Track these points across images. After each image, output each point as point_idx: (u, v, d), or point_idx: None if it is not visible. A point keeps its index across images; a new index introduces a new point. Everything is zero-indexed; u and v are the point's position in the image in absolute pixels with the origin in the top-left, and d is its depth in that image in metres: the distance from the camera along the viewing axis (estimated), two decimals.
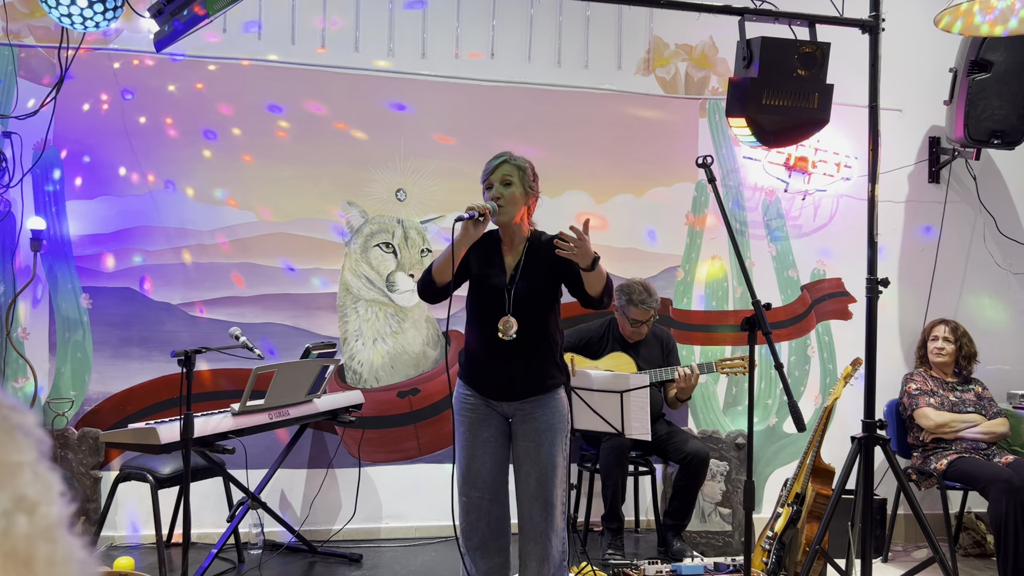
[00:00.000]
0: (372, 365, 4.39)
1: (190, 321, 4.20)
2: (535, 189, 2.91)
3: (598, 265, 2.72)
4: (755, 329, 2.79)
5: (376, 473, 4.39)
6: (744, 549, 2.96)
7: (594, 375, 3.34)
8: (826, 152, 4.67)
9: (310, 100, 4.33)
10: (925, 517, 3.09)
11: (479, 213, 2.74)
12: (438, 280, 2.87)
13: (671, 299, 4.65)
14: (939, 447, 4.11)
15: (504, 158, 2.88)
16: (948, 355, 4.27)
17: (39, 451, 0.55)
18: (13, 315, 4.02)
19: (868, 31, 3.03)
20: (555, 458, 2.86)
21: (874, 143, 3.01)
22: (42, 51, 4.06)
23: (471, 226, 2.76)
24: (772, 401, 4.76)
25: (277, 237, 4.30)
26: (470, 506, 2.93)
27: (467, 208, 2.75)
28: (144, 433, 3.27)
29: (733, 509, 4.33)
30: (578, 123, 4.56)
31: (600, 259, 2.73)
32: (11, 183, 4.00)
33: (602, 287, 2.79)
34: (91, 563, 0.56)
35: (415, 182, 4.42)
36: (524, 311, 2.85)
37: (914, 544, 4.61)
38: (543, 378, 2.89)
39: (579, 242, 2.66)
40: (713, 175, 2.87)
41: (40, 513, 0.53)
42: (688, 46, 4.68)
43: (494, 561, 2.97)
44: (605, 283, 2.80)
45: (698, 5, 3.21)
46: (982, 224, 4.93)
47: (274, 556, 4.01)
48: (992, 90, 4.40)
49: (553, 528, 2.86)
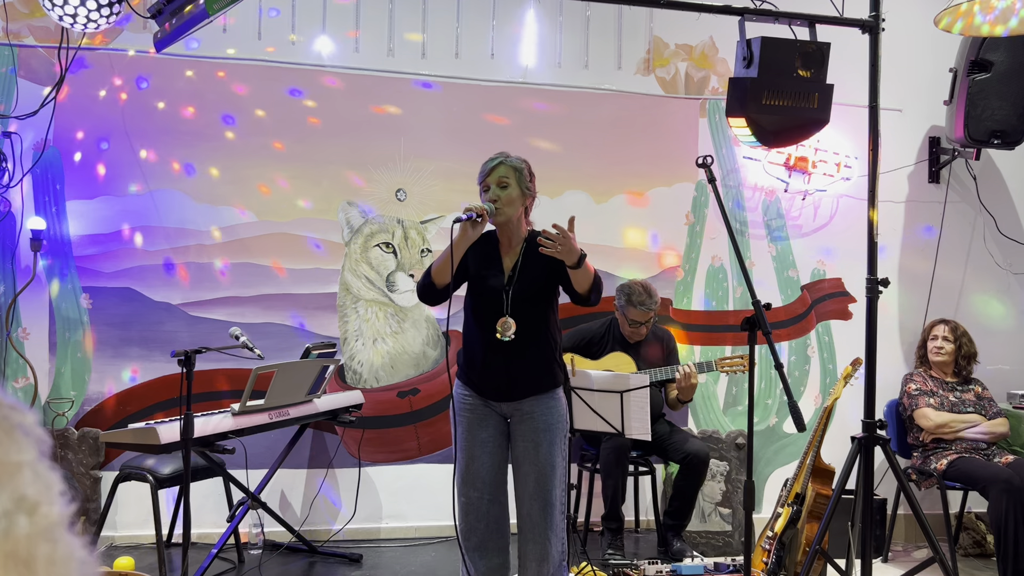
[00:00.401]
0: (372, 365, 4.39)
1: (190, 321, 4.20)
2: (532, 189, 2.91)
3: (584, 263, 2.72)
4: (755, 329, 2.79)
5: (376, 473, 4.39)
6: (744, 549, 2.96)
7: (594, 375, 3.34)
8: (826, 152, 4.67)
9: (310, 100, 4.33)
10: (925, 517, 3.09)
11: (477, 214, 2.74)
12: (437, 282, 2.88)
13: (671, 299, 4.66)
14: (939, 447, 4.11)
15: (500, 159, 2.88)
16: (948, 355, 4.27)
17: (39, 451, 0.55)
18: (13, 315, 4.02)
19: (868, 31, 3.02)
20: (554, 458, 2.86)
21: (874, 143, 3.01)
22: (42, 51, 4.06)
23: (469, 227, 2.77)
24: (772, 401, 4.76)
25: (277, 237, 4.30)
26: (469, 506, 2.93)
27: (464, 209, 2.75)
28: (144, 433, 3.27)
29: (733, 509, 4.33)
30: (578, 123, 4.56)
31: (586, 256, 2.73)
32: (11, 183, 4.00)
33: (589, 284, 2.79)
34: (91, 563, 0.56)
35: (415, 182, 4.42)
36: (522, 312, 2.85)
37: (914, 544, 4.61)
38: (541, 378, 2.89)
39: (563, 240, 2.66)
40: (713, 175, 2.87)
41: (41, 513, 0.53)
42: (688, 46, 4.68)
43: (493, 561, 2.97)
44: (592, 280, 2.79)
45: (698, 5, 3.21)
46: (982, 224, 4.93)
47: (274, 556, 4.01)
48: (992, 90, 4.40)
49: (552, 528, 2.86)
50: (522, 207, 2.89)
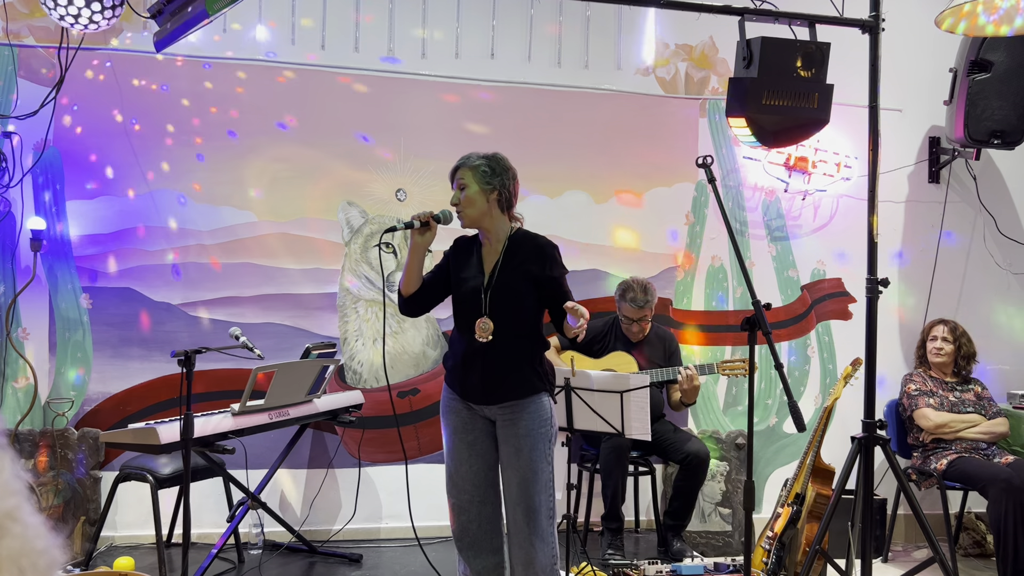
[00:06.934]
0: (372, 365, 4.39)
1: (190, 321, 4.20)
2: (495, 184, 2.87)
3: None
4: (755, 329, 2.79)
5: (376, 473, 4.39)
6: (744, 549, 2.96)
7: (594, 375, 3.34)
8: (826, 152, 4.67)
9: (310, 100, 4.32)
10: (925, 517, 3.09)
11: (420, 222, 2.83)
12: (404, 292, 2.95)
13: (671, 299, 4.66)
14: (939, 447, 4.11)
15: (458, 163, 2.93)
16: (947, 355, 4.27)
17: None
18: (13, 315, 4.02)
19: (868, 31, 3.03)
20: (535, 463, 2.81)
21: (874, 143, 3.01)
22: (42, 51, 4.06)
23: (416, 235, 2.85)
24: (772, 401, 4.76)
25: (277, 237, 4.30)
26: (459, 508, 2.94)
27: (411, 217, 2.87)
28: (144, 433, 3.27)
29: (733, 509, 4.33)
30: (578, 123, 4.56)
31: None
32: (11, 183, 4.00)
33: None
34: (54, 550, 0.54)
35: (415, 182, 4.42)
36: (499, 313, 2.84)
37: (914, 544, 4.61)
38: (519, 382, 2.85)
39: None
40: (713, 175, 2.87)
41: None
42: (688, 46, 4.68)
43: (488, 561, 2.97)
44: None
45: (698, 5, 3.21)
46: (982, 224, 4.93)
47: (274, 556, 4.01)
48: (992, 90, 4.40)
49: (537, 534, 2.82)
50: (488, 203, 2.87)
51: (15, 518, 0.53)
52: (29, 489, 0.55)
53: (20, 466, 0.56)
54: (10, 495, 0.54)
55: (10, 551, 0.52)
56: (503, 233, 2.91)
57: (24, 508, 0.54)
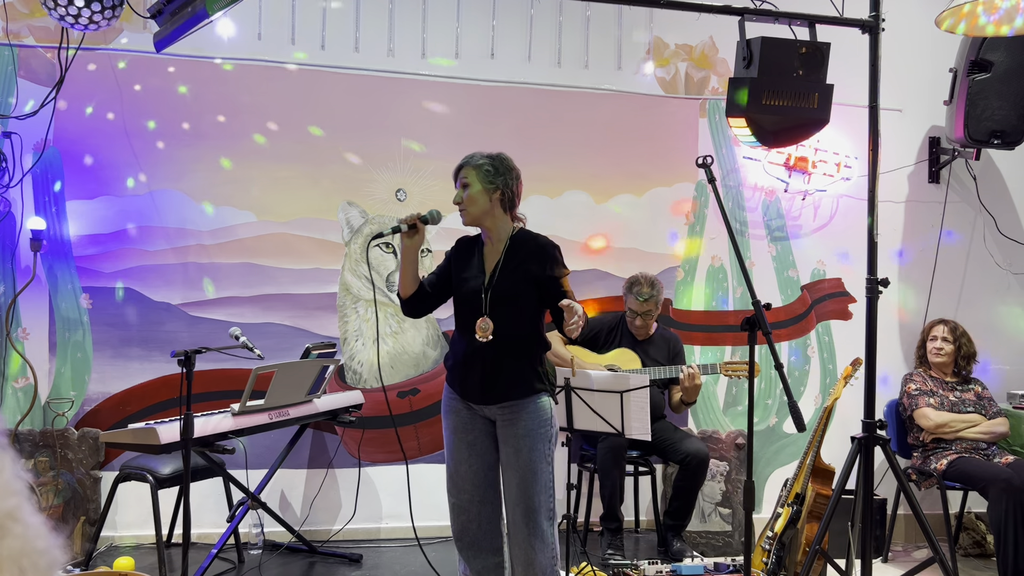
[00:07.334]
0: (372, 365, 4.39)
1: (190, 321, 4.20)
2: (498, 183, 2.87)
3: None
4: (755, 329, 2.79)
5: (376, 473, 4.39)
6: (744, 549, 2.96)
7: (594, 375, 3.34)
8: (826, 152, 4.67)
9: (310, 100, 4.32)
10: (925, 517, 3.09)
11: (407, 225, 2.85)
12: (403, 294, 2.96)
13: (671, 299, 4.65)
14: (939, 447, 4.11)
15: (463, 161, 2.93)
16: (947, 355, 4.27)
17: None
18: (13, 315, 4.02)
19: (868, 31, 3.02)
20: (535, 464, 2.81)
21: (874, 143, 3.01)
22: (42, 51, 4.06)
23: (405, 238, 2.87)
24: (772, 401, 4.76)
25: (277, 237, 4.30)
26: (459, 508, 2.95)
27: (397, 221, 2.89)
28: (144, 433, 3.27)
29: (733, 509, 4.33)
30: (578, 123, 4.56)
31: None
32: (11, 183, 4.00)
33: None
34: (55, 550, 0.54)
35: (415, 182, 4.42)
36: (500, 313, 2.84)
37: (914, 544, 4.61)
38: (519, 382, 2.85)
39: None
40: (713, 175, 2.87)
41: None
42: (688, 46, 4.68)
43: (489, 560, 2.97)
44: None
45: (698, 5, 3.21)
46: (982, 224, 4.93)
47: (274, 556, 4.01)
48: (992, 90, 4.40)
49: (537, 534, 2.82)
50: (490, 202, 2.87)
51: (16, 518, 0.53)
52: (29, 489, 0.55)
53: (20, 466, 0.55)
54: (11, 495, 0.54)
55: (11, 551, 0.52)
56: (505, 233, 2.91)
57: (25, 508, 0.54)
